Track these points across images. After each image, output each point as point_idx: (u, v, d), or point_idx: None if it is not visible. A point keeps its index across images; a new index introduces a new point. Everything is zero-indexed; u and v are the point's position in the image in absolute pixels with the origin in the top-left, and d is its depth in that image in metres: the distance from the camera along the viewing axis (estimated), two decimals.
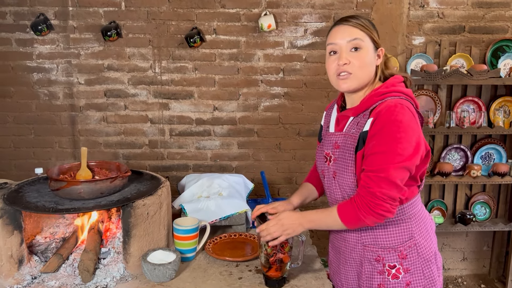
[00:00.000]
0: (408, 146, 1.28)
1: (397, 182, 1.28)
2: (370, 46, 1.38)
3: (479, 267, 3.25)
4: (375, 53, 1.40)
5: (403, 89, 1.38)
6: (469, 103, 2.91)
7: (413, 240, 1.42)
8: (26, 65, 2.82)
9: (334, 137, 1.47)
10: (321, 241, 3.10)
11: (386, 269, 1.42)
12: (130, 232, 1.63)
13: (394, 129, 1.27)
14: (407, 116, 1.29)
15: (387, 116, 1.29)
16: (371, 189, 1.29)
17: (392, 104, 1.30)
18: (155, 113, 2.92)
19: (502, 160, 2.96)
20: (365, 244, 1.44)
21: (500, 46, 2.87)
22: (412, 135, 1.29)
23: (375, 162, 1.29)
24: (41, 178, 1.91)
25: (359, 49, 1.37)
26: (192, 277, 1.63)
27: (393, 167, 1.27)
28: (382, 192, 1.28)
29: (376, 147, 1.29)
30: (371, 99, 1.37)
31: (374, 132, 1.31)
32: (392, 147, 1.27)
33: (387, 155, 1.27)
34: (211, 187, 2.14)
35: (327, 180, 1.51)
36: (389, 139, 1.27)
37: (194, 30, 2.76)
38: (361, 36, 1.37)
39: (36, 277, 1.61)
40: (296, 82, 2.90)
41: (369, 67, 1.39)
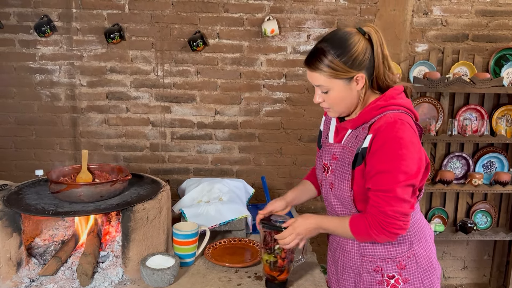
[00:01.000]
0: (411, 163, 1.26)
1: (405, 198, 1.28)
2: (338, 84, 1.32)
3: (479, 276, 3.23)
4: (349, 84, 1.32)
5: (402, 101, 1.35)
6: (471, 111, 2.90)
7: (412, 250, 1.41)
8: (28, 66, 2.83)
9: (333, 148, 1.46)
10: (321, 247, 3.09)
11: (385, 280, 1.41)
12: (129, 236, 1.62)
13: (396, 146, 1.25)
14: (408, 132, 1.27)
15: (388, 133, 1.27)
16: (382, 208, 1.28)
17: (392, 121, 1.28)
18: (157, 116, 2.92)
19: (504, 169, 2.95)
20: (364, 254, 1.44)
21: (504, 54, 2.87)
22: (414, 151, 1.27)
23: (382, 182, 1.28)
24: (41, 180, 1.91)
25: (328, 91, 1.34)
26: (191, 283, 1.62)
27: (400, 185, 1.26)
28: (394, 210, 1.27)
29: (380, 165, 1.27)
30: (369, 113, 1.34)
31: (375, 149, 1.29)
32: (396, 165, 1.25)
33: (392, 174, 1.26)
34: (211, 192, 2.13)
35: (324, 190, 1.51)
36: (392, 157, 1.26)
37: (197, 34, 2.76)
38: (324, 82, 1.32)
39: (34, 280, 1.60)
40: (298, 87, 2.90)
41: (345, 100, 1.35)
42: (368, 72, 1.33)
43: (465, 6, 2.84)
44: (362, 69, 1.31)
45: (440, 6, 2.84)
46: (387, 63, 1.34)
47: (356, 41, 1.30)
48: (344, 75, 1.30)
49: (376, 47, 1.31)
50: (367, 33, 1.32)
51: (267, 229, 1.50)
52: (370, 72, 1.33)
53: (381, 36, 1.33)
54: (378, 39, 1.32)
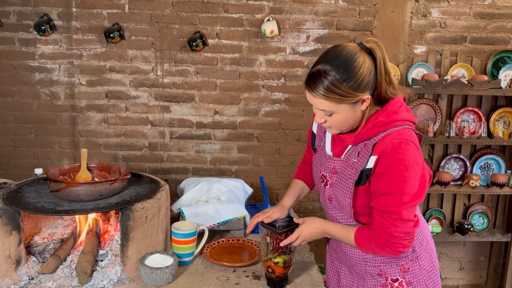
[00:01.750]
0: (415, 183, 1.27)
1: (410, 218, 1.30)
2: (344, 107, 1.28)
3: (476, 277, 3.25)
4: (354, 106, 1.28)
5: (404, 114, 1.32)
6: (469, 113, 2.92)
7: (415, 253, 1.43)
8: (28, 64, 2.83)
9: (332, 162, 1.44)
10: (319, 247, 3.10)
11: (389, 283, 1.43)
12: (128, 235, 1.63)
13: (401, 168, 1.25)
14: (412, 152, 1.27)
15: (393, 155, 1.26)
16: (387, 229, 1.30)
17: (397, 142, 1.26)
18: (156, 116, 2.92)
19: (501, 170, 2.96)
20: (367, 260, 1.45)
21: (501, 57, 2.89)
22: (418, 170, 1.27)
23: (387, 204, 1.29)
24: (41, 179, 1.91)
25: (332, 114, 1.31)
26: (189, 282, 1.63)
27: (405, 207, 1.27)
28: (399, 231, 1.29)
29: (385, 188, 1.28)
30: (372, 130, 1.32)
31: (381, 172, 1.28)
32: (401, 187, 1.26)
33: (398, 196, 1.27)
34: (210, 191, 2.14)
35: (322, 199, 1.51)
36: (397, 180, 1.26)
37: (196, 34, 2.77)
38: (328, 107, 1.28)
39: (33, 278, 1.60)
40: (297, 88, 2.91)
41: (348, 121, 1.32)
42: (372, 90, 1.30)
43: (464, 9, 2.86)
44: (368, 89, 1.27)
45: (438, 8, 2.86)
46: (389, 79, 1.30)
47: (361, 62, 1.25)
48: (350, 100, 1.26)
49: (379, 64, 1.27)
50: (370, 49, 1.27)
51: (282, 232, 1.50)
52: (373, 90, 1.30)
53: (383, 52, 1.28)
54: (381, 56, 1.27)
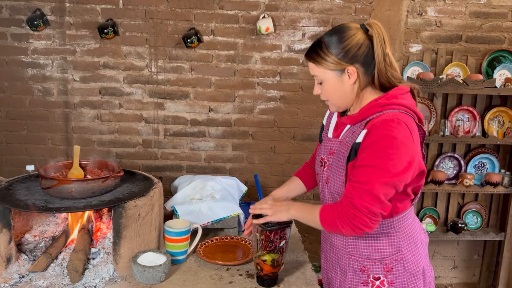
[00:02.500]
0: (399, 163, 1.23)
1: (380, 197, 1.24)
2: (331, 75, 1.33)
3: (469, 276, 3.26)
4: (341, 77, 1.33)
5: (405, 101, 1.32)
6: (464, 112, 2.92)
7: (400, 254, 1.39)
8: (20, 60, 2.80)
9: (330, 143, 1.45)
10: (313, 245, 3.10)
11: (371, 280, 1.40)
12: (120, 233, 1.61)
13: (386, 144, 1.23)
14: (403, 133, 1.24)
15: (382, 130, 1.24)
16: (353, 199, 1.25)
17: (389, 118, 1.25)
18: (150, 113, 2.90)
19: (495, 170, 2.97)
20: (352, 253, 1.43)
21: (496, 56, 2.89)
22: (405, 153, 1.24)
23: (362, 174, 1.25)
24: (32, 176, 1.89)
25: (322, 82, 1.37)
26: (182, 280, 1.62)
27: (379, 181, 1.23)
28: (363, 205, 1.24)
29: (366, 160, 1.25)
30: (370, 110, 1.32)
31: (367, 144, 1.27)
32: (382, 163, 1.23)
33: (376, 169, 1.23)
34: (204, 189, 2.13)
35: (321, 184, 1.50)
36: (381, 154, 1.23)
37: (191, 31, 2.75)
38: (318, 72, 1.36)
39: (24, 276, 1.58)
40: (292, 85, 2.90)
41: (338, 92, 1.36)
42: (365, 67, 1.31)
43: (459, 8, 2.85)
44: (356, 62, 1.30)
45: (434, 7, 2.85)
46: (388, 60, 1.31)
47: (351, 34, 1.30)
48: (333, 66, 1.31)
49: (376, 44, 1.29)
50: (369, 30, 1.31)
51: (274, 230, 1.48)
52: (368, 69, 1.32)
53: (383, 33, 1.30)
54: (379, 36, 1.29)
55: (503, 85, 2.81)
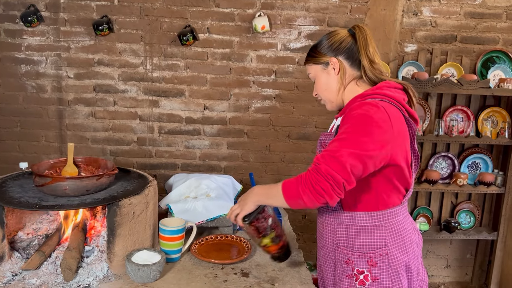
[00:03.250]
0: (369, 140, 1.24)
1: (346, 165, 1.23)
2: (318, 70, 1.48)
3: (462, 275, 3.29)
4: (326, 69, 1.47)
5: (390, 92, 1.35)
6: (458, 112, 2.94)
7: (386, 249, 1.38)
8: (14, 56, 2.77)
9: (324, 137, 1.50)
10: (307, 244, 3.11)
11: (355, 274, 1.40)
12: (115, 231, 1.61)
13: (360, 121, 1.27)
14: (379, 115, 1.27)
15: (357, 110, 1.30)
16: (319, 165, 1.25)
17: (367, 102, 1.31)
18: (145, 110, 2.89)
19: (488, 169, 2.99)
20: (339, 245, 1.44)
21: (491, 57, 2.91)
22: (378, 133, 1.25)
23: (333, 145, 1.27)
24: (26, 173, 1.88)
25: (315, 80, 1.51)
26: (176, 279, 1.61)
27: (347, 151, 1.23)
28: (327, 171, 1.23)
29: (339, 135, 1.29)
30: (354, 100, 1.39)
31: (342, 123, 1.32)
32: (353, 136, 1.25)
33: (346, 141, 1.25)
34: (199, 187, 2.12)
35: None
36: (353, 129, 1.27)
37: (187, 28, 2.74)
38: (309, 70, 1.52)
39: (17, 274, 1.57)
40: (288, 84, 2.90)
41: (326, 86, 1.48)
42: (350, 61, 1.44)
43: (454, 8, 2.87)
44: (338, 55, 1.44)
45: (429, 7, 2.86)
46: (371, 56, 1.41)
47: (336, 33, 1.47)
48: (319, 59, 1.46)
49: (359, 41, 1.42)
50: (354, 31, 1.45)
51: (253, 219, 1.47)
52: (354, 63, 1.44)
53: (365, 32, 1.43)
54: (361, 34, 1.42)
55: (497, 86, 2.83)
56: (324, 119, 2.93)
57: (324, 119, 2.94)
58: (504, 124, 2.89)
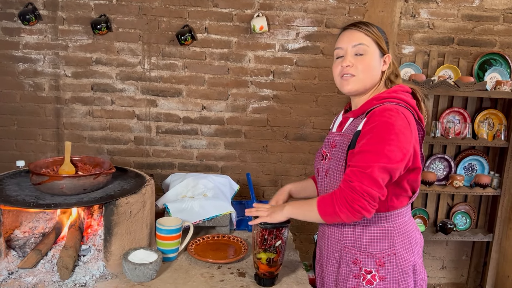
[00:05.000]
0: (396, 150, 1.28)
1: (379, 180, 1.28)
2: (376, 52, 1.42)
3: (457, 276, 3.30)
4: (380, 59, 1.44)
5: (405, 97, 1.39)
6: (454, 114, 2.95)
7: (393, 249, 1.41)
8: (12, 54, 2.77)
9: (333, 136, 1.50)
10: (304, 244, 3.11)
11: (362, 274, 1.42)
12: (112, 230, 1.61)
13: (384, 131, 1.29)
14: (401, 121, 1.30)
15: (380, 117, 1.31)
16: (352, 183, 1.29)
17: (388, 108, 1.33)
18: (142, 110, 2.89)
19: (484, 171, 3.00)
20: (346, 245, 1.45)
21: (487, 59, 2.92)
22: (402, 140, 1.29)
23: (361, 159, 1.30)
24: (22, 171, 1.87)
25: (364, 54, 1.41)
26: (173, 278, 1.61)
27: (378, 166, 1.27)
28: (363, 188, 1.27)
29: (365, 146, 1.31)
30: (370, 103, 1.40)
31: (365, 131, 1.33)
32: (380, 148, 1.28)
33: (374, 154, 1.28)
34: (196, 187, 2.13)
35: (320, 178, 1.53)
36: (379, 140, 1.29)
37: (185, 28, 2.74)
38: (367, 42, 1.41)
39: (13, 272, 1.57)
40: (285, 85, 2.90)
41: (373, 71, 1.42)
42: None
43: (452, 10, 2.88)
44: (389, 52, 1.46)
45: (427, 9, 2.87)
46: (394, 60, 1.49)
47: None
48: (382, 45, 1.43)
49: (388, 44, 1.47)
50: None
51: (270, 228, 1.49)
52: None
53: None
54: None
55: (494, 88, 2.84)
56: (322, 120, 2.94)
57: (321, 120, 2.94)
58: (500, 126, 2.90)
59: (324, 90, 2.91)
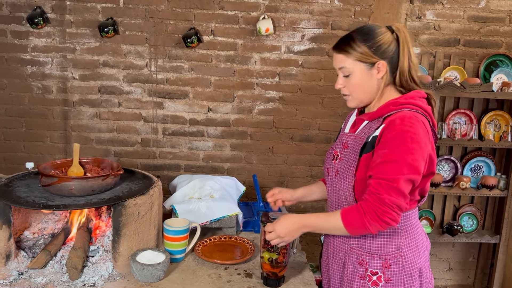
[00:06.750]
0: (419, 158, 1.29)
1: (405, 192, 1.30)
2: (360, 69, 1.38)
3: (464, 278, 3.29)
4: (370, 71, 1.38)
5: (422, 104, 1.38)
6: (461, 116, 2.95)
7: (400, 251, 1.41)
8: (20, 57, 2.80)
9: (346, 137, 1.50)
10: (310, 246, 3.11)
11: (368, 275, 1.42)
12: (120, 231, 1.62)
13: (408, 139, 1.28)
14: (421, 130, 1.31)
15: (401, 126, 1.30)
16: (380, 195, 1.29)
17: (408, 115, 1.32)
18: (149, 112, 2.91)
19: (491, 173, 2.99)
20: (352, 246, 1.45)
21: (494, 60, 2.91)
22: (424, 149, 1.31)
23: (386, 171, 1.29)
24: (32, 173, 1.90)
25: (349, 75, 1.40)
26: (180, 279, 1.63)
27: (403, 178, 1.28)
28: (392, 200, 1.29)
29: (388, 155, 1.30)
30: (387, 107, 1.38)
31: (386, 139, 1.32)
32: (404, 157, 1.28)
33: (399, 164, 1.28)
34: (203, 188, 2.14)
35: (330, 178, 1.53)
36: (402, 149, 1.28)
37: (191, 31, 2.76)
38: (348, 64, 1.39)
39: (23, 273, 1.59)
40: (291, 87, 2.91)
41: (364, 86, 1.40)
42: (391, 65, 1.38)
43: (458, 12, 2.88)
44: (385, 58, 1.37)
45: (433, 11, 2.87)
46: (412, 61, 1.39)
47: (383, 32, 1.38)
48: (366, 59, 1.37)
49: (402, 44, 1.37)
50: (395, 31, 1.39)
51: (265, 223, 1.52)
52: (393, 66, 1.39)
53: (407, 35, 1.39)
54: (404, 37, 1.38)
55: (500, 89, 2.84)
56: (327, 121, 2.95)
57: (327, 121, 2.95)
58: (507, 127, 2.89)
59: (329, 91, 2.91)
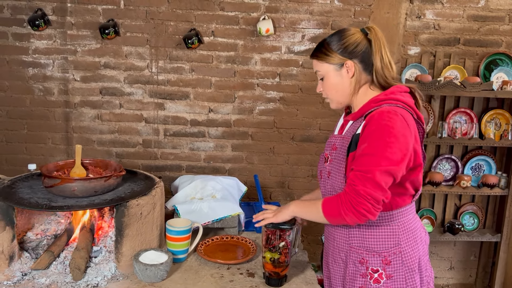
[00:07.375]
0: (397, 151, 1.30)
1: (381, 184, 1.31)
2: (330, 70, 1.45)
3: (465, 277, 3.29)
4: (339, 71, 1.44)
5: (402, 97, 1.40)
6: (461, 115, 2.95)
7: (399, 247, 1.43)
8: (21, 59, 2.81)
9: (334, 139, 1.53)
10: (311, 246, 3.12)
11: (369, 273, 1.44)
12: (122, 231, 1.63)
13: (385, 134, 1.31)
14: (399, 123, 1.32)
15: (379, 120, 1.33)
16: (356, 186, 1.31)
17: (386, 110, 1.34)
18: (150, 113, 2.92)
19: (491, 171, 3.00)
20: (352, 245, 1.47)
21: (494, 59, 2.92)
22: (402, 142, 1.31)
23: (363, 163, 1.32)
24: (34, 174, 1.90)
25: (323, 78, 1.49)
26: (183, 279, 1.63)
27: (380, 169, 1.30)
28: (366, 192, 1.30)
29: (366, 149, 1.33)
30: (369, 105, 1.41)
31: (365, 135, 1.35)
32: (381, 151, 1.30)
33: (375, 157, 1.30)
34: (204, 189, 2.15)
35: (323, 181, 1.55)
36: (380, 143, 1.31)
37: (192, 32, 2.77)
38: (320, 67, 1.48)
39: (26, 273, 1.60)
40: (292, 87, 2.92)
41: (337, 87, 1.47)
42: (364, 64, 1.43)
43: (457, 11, 2.88)
44: (354, 58, 1.42)
45: (433, 10, 2.88)
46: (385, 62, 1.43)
47: (351, 34, 1.44)
48: (332, 60, 1.44)
49: (373, 43, 1.41)
50: (368, 33, 1.43)
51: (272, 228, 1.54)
52: (367, 67, 1.43)
53: (380, 36, 1.43)
54: (376, 38, 1.42)
55: (500, 88, 2.84)
56: (328, 121, 2.95)
57: (328, 121, 2.95)
58: (507, 126, 2.90)
59: None
